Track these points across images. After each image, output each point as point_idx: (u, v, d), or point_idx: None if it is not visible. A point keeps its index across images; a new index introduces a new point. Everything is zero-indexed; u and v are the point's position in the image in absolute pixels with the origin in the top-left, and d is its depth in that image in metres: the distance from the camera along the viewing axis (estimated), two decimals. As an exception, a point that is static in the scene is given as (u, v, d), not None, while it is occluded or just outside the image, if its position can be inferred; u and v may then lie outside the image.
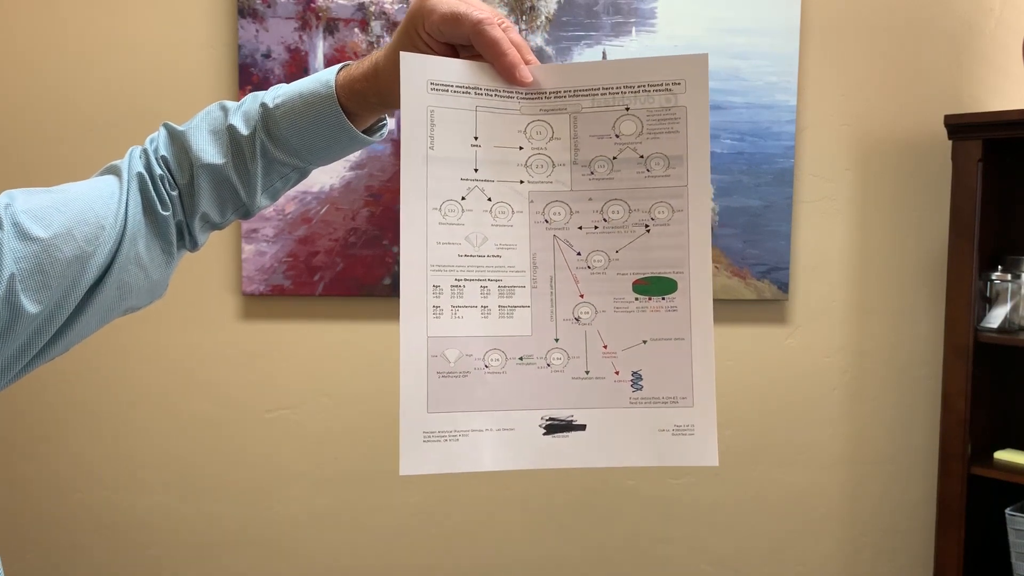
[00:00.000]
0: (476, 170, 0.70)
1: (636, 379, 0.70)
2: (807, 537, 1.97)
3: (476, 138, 0.70)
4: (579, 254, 0.70)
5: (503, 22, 0.71)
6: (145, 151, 0.81)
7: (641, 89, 0.70)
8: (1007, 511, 1.75)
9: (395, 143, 1.81)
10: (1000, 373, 1.83)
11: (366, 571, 1.92)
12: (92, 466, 1.85)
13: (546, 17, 1.81)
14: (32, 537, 1.86)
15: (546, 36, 1.81)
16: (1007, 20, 1.90)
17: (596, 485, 1.91)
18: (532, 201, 0.71)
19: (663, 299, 0.70)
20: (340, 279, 1.80)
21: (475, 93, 0.70)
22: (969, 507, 1.74)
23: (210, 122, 0.80)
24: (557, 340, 0.71)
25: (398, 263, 1.83)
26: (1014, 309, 1.74)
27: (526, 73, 0.70)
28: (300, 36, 1.79)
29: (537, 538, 1.90)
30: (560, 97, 0.71)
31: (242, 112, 0.79)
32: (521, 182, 0.71)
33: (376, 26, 1.79)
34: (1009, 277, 1.74)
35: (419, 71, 0.69)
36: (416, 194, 0.69)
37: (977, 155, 1.69)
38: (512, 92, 0.71)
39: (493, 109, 0.71)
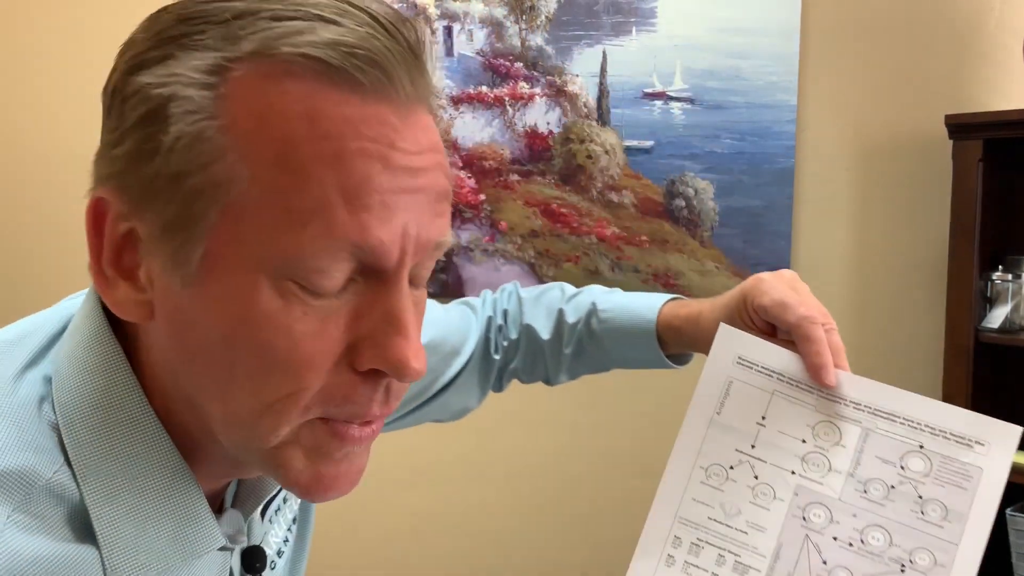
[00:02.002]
0: (753, 446, 0.71)
1: None
2: (807, 537, 1.97)
3: (763, 418, 0.71)
4: (825, 563, 0.68)
5: (828, 323, 0.74)
6: (495, 300, 0.91)
7: (942, 434, 0.70)
8: (1007, 511, 1.75)
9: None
10: (1001, 373, 1.83)
11: (366, 571, 1.91)
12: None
13: (546, 17, 1.81)
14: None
15: (546, 35, 1.81)
16: (1007, 20, 1.90)
17: (599, 486, 1.91)
18: (797, 494, 0.70)
19: None
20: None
21: (777, 378, 0.72)
22: (969, 507, 1.74)
23: (548, 299, 0.88)
24: None
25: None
26: (1015, 309, 1.74)
27: (832, 378, 0.72)
28: (300, 36, 1.78)
29: (538, 538, 1.90)
30: (859, 409, 0.72)
31: (575, 301, 0.87)
32: (793, 472, 0.71)
33: (376, 26, 1.79)
34: (1010, 277, 1.74)
35: (733, 344, 0.73)
36: (690, 448, 0.72)
37: (977, 155, 1.69)
38: (813, 389, 0.73)
39: (790, 398, 0.72)
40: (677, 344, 0.82)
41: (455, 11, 1.80)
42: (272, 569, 0.63)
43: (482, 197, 1.82)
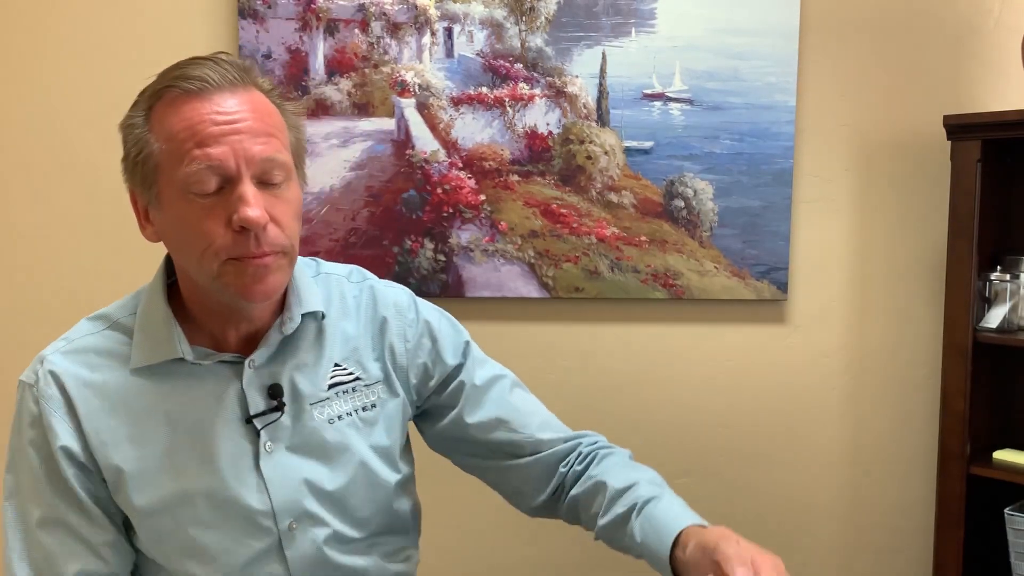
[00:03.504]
0: None
1: None
2: (807, 537, 1.98)
3: None
4: None
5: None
6: (597, 441, 1.15)
7: None
8: (1006, 511, 1.75)
9: (395, 143, 1.82)
10: (999, 373, 1.83)
11: (366, 571, 1.91)
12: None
13: (546, 18, 1.82)
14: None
15: (546, 36, 1.82)
16: (1006, 21, 1.90)
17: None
18: None
19: None
20: (340, 279, 1.81)
21: None
22: (968, 507, 1.75)
23: (621, 462, 1.12)
24: None
25: (398, 263, 1.84)
26: (1013, 309, 1.74)
27: None
28: (300, 37, 1.79)
29: (537, 538, 1.90)
30: None
31: (619, 491, 1.06)
32: None
33: (376, 27, 1.80)
34: (1008, 277, 1.74)
35: None
36: None
37: (976, 155, 1.69)
38: None
39: None
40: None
41: (455, 12, 1.81)
42: (331, 423, 1.02)
43: (482, 197, 1.83)
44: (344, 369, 1.04)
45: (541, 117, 1.83)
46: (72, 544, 0.95)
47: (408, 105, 1.82)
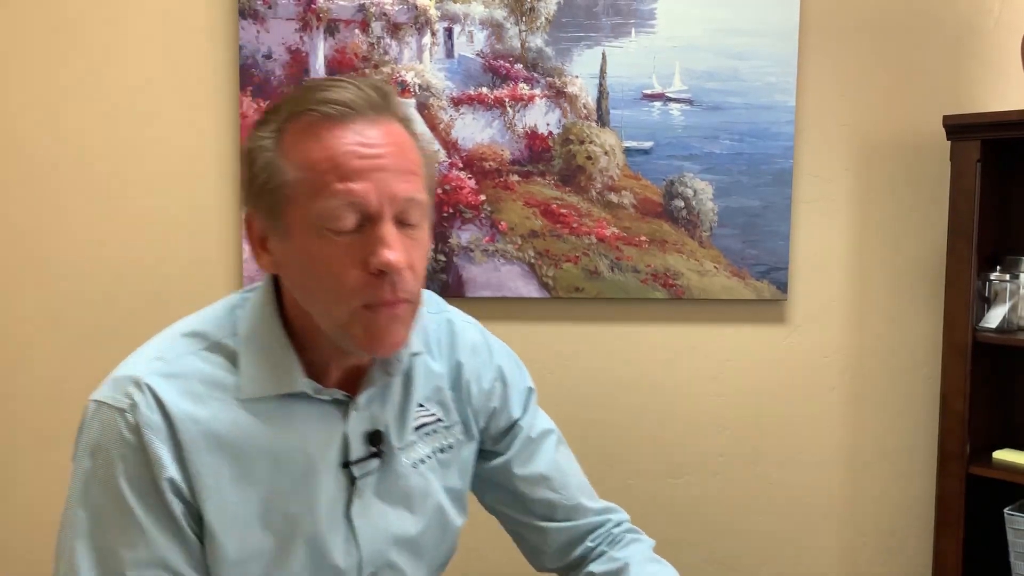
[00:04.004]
0: None
1: None
2: (806, 537, 1.98)
3: None
4: None
5: None
6: (630, 528, 1.14)
7: None
8: (1006, 511, 1.75)
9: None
10: (999, 373, 1.83)
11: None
12: (93, 466, 1.85)
13: (545, 18, 1.82)
14: (32, 537, 1.87)
15: (546, 37, 1.82)
16: (1006, 21, 1.90)
17: (595, 485, 1.91)
18: None
19: None
20: (340, 279, 1.81)
21: None
22: (968, 507, 1.75)
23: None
24: None
25: (398, 263, 1.84)
26: (1012, 309, 1.74)
27: None
28: (301, 37, 1.79)
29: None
30: None
31: None
32: None
33: (376, 27, 1.80)
34: (1008, 277, 1.74)
35: None
36: None
37: (976, 156, 1.69)
38: None
39: None
40: None
41: (455, 13, 1.81)
42: (415, 467, 0.98)
43: (482, 197, 1.83)
44: (427, 410, 1.01)
45: (541, 117, 1.83)
46: None
47: (408, 105, 1.82)
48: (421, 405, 1.00)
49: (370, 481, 0.95)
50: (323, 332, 0.87)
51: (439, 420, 1.01)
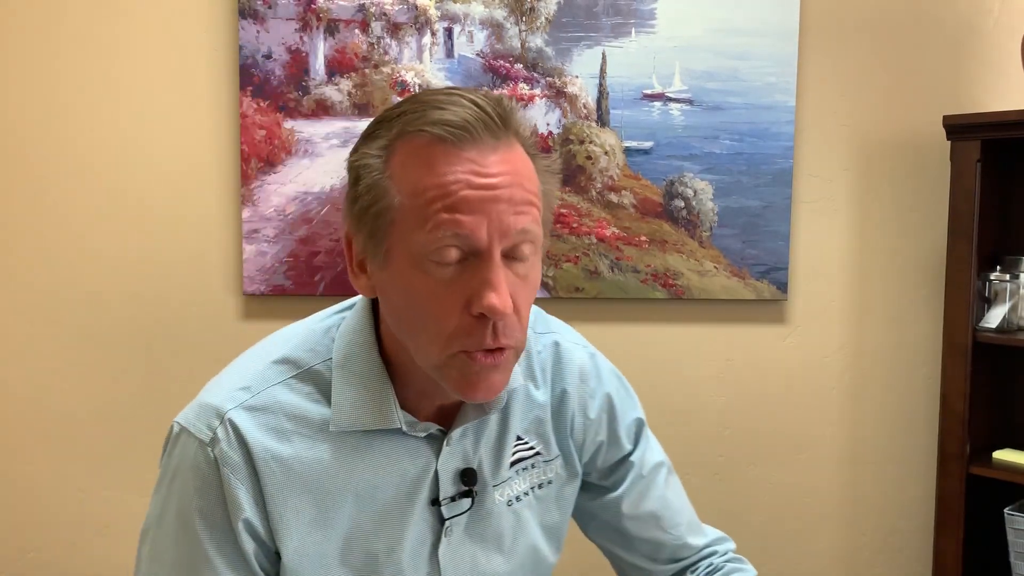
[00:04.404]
0: None
1: None
2: (807, 537, 1.98)
3: None
4: None
5: None
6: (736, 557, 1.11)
7: None
8: (1006, 511, 1.75)
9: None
10: (999, 373, 1.83)
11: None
12: (93, 466, 1.85)
13: (546, 18, 1.82)
14: (32, 537, 1.87)
15: (546, 37, 1.82)
16: (1005, 21, 1.90)
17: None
18: None
19: None
20: (341, 279, 1.81)
21: None
22: (968, 507, 1.75)
23: None
24: None
25: (398, 263, 1.84)
26: (1013, 309, 1.74)
27: None
28: (301, 37, 1.79)
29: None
30: None
31: None
32: None
33: (376, 27, 1.80)
34: (1008, 277, 1.74)
35: None
36: None
37: (976, 156, 1.69)
38: None
39: None
40: None
41: (455, 12, 1.81)
42: (509, 505, 0.92)
43: (482, 198, 1.83)
44: (525, 443, 0.94)
45: (541, 117, 1.83)
46: None
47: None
48: (520, 438, 0.93)
49: (460, 520, 0.89)
50: (415, 362, 0.82)
51: (538, 454, 0.94)
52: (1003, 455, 1.77)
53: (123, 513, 1.87)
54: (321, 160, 1.81)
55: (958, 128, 1.71)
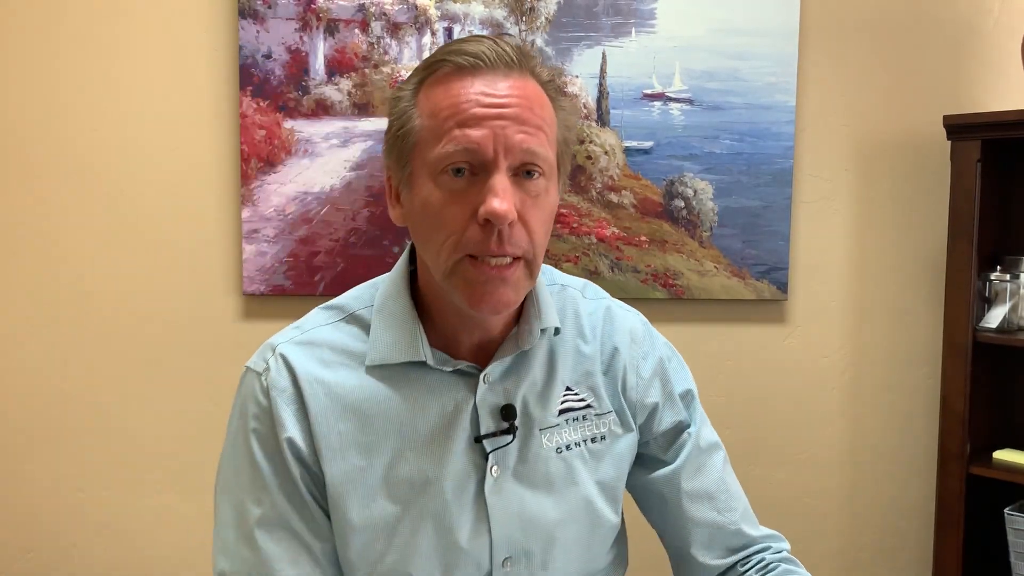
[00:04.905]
0: None
1: None
2: (807, 537, 1.98)
3: None
4: None
5: None
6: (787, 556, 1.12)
7: None
8: (1006, 511, 1.75)
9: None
10: (999, 373, 1.83)
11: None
12: (92, 466, 1.85)
13: (546, 18, 1.82)
14: (32, 537, 1.87)
15: (546, 37, 1.82)
16: (1005, 21, 1.90)
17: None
18: None
19: None
20: (341, 279, 1.81)
21: None
22: (968, 507, 1.75)
23: None
24: None
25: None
26: (1013, 309, 1.74)
27: None
28: (300, 37, 1.79)
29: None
30: None
31: None
32: None
33: (376, 27, 1.80)
34: (1008, 277, 1.74)
35: None
36: None
37: (976, 155, 1.69)
38: None
39: None
40: None
41: (455, 12, 1.81)
42: (559, 453, 0.94)
43: (482, 198, 1.83)
44: (576, 394, 0.96)
45: (541, 117, 1.83)
46: (294, 548, 0.87)
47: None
48: (569, 388, 0.96)
49: (507, 461, 0.91)
50: (446, 294, 0.87)
51: (589, 406, 0.96)
52: (1003, 455, 1.77)
53: (123, 513, 1.87)
54: (321, 160, 1.81)
55: (958, 128, 1.71)
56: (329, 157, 1.81)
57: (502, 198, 0.79)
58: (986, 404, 1.80)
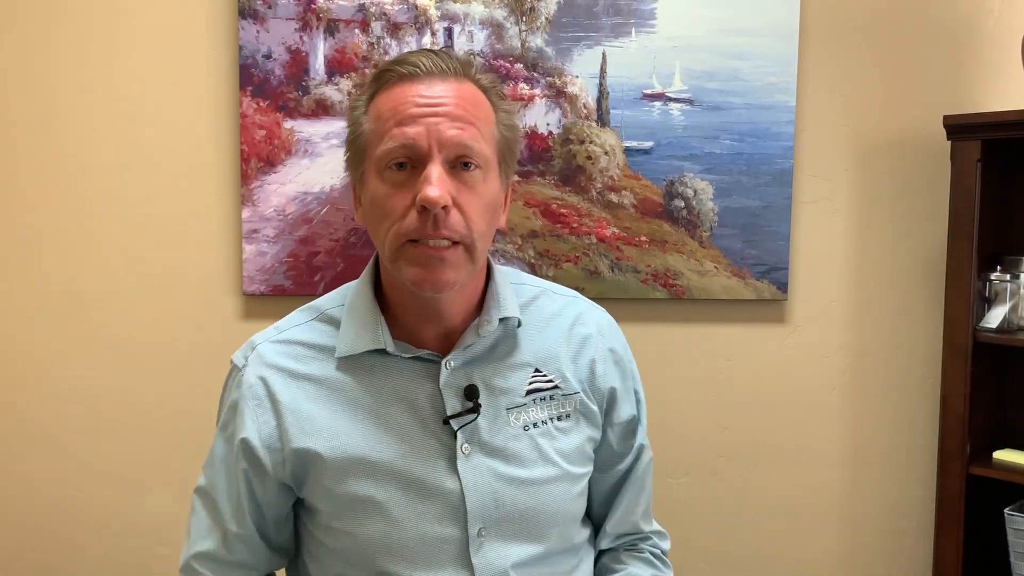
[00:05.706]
0: None
1: None
2: (806, 537, 1.98)
3: None
4: None
5: None
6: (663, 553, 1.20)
7: None
8: (1006, 511, 1.75)
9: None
10: (999, 373, 1.83)
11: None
12: (92, 466, 1.85)
13: (546, 18, 1.82)
14: (32, 537, 1.87)
15: (546, 37, 1.82)
16: (1006, 21, 1.90)
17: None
18: None
19: None
20: (341, 279, 1.81)
21: None
22: (968, 507, 1.75)
23: None
24: None
25: (398, 263, 1.84)
26: (1013, 309, 1.74)
27: None
28: (301, 37, 1.79)
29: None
30: None
31: None
32: None
33: (376, 27, 1.80)
34: (1008, 277, 1.74)
35: None
36: None
37: (976, 155, 1.69)
38: None
39: None
40: None
41: (455, 12, 1.81)
42: (526, 430, 1.01)
43: (482, 198, 1.83)
44: (544, 376, 1.03)
45: (541, 117, 1.83)
46: (210, 525, 1.03)
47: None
48: (538, 371, 1.03)
49: (477, 439, 0.98)
50: (410, 294, 0.96)
51: (556, 387, 1.04)
52: (1003, 455, 1.77)
53: (123, 513, 1.87)
54: (321, 160, 1.81)
55: (958, 128, 1.71)
56: (329, 157, 1.81)
57: (435, 186, 0.88)
58: (986, 404, 1.80)
